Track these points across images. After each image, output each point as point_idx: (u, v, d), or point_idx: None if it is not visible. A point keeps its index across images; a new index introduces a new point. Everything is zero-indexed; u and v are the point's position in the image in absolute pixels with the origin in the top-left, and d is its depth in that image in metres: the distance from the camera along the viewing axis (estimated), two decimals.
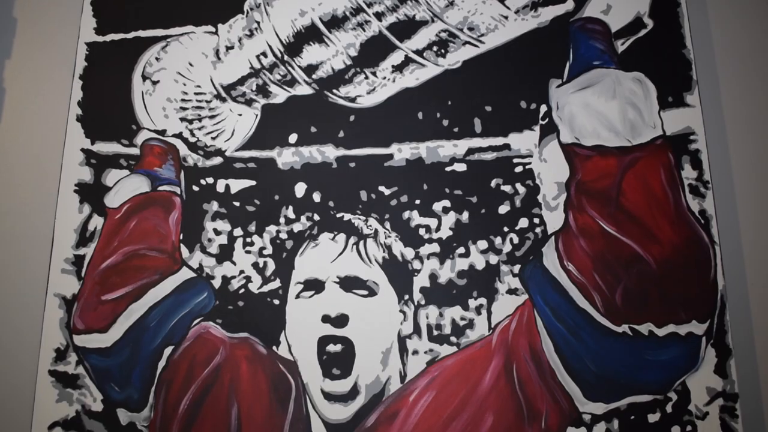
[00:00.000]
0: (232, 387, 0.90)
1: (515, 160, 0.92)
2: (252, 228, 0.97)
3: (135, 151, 1.03)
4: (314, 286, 0.91)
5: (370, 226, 0.93)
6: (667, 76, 0.90)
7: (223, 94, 1.02)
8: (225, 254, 0.96)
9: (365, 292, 0.90)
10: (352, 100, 0.98)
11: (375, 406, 0.87)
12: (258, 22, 1.01)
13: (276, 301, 0.93)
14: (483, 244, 0.91)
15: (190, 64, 1.04)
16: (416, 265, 0.91)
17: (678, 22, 0.92)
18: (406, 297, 0.90)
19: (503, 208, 0.92)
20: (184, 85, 1.03)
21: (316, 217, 0.95)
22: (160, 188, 1.00)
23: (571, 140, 0.89)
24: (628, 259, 0.83)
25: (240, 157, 1.00)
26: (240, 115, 1.01)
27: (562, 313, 0.83)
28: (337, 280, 0.90)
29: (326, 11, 0.98)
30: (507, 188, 0.92)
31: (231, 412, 0.89)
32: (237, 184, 0.98)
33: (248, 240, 0.96)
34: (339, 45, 0.97)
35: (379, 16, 0.96)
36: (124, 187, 1.00)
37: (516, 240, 0.90)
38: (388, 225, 0.93)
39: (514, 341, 0.85)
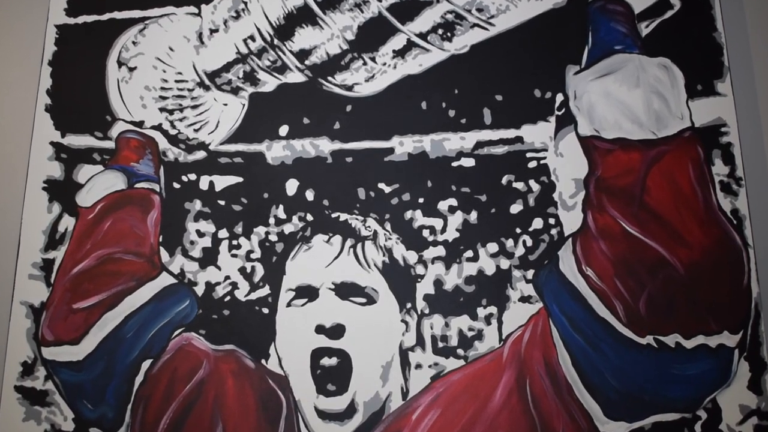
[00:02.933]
0: (217, 404, 0.88)
1: (529, 155, 0.91)
2: (239, 229, 0.95)
3: (110, 144, 1.01)
4: (307, 293, 0.89)
5: (369, 227, 0.91)
6: (696, 62, 0.88)
7: (207, 82, 1.01)
8: (209, 258, 0.95)
9: (363, 300, 0.88)
10: (349, 88, 0.96)
11: (374, 426, 0.85)
12: (245, 3, 1.00)
13: (265, 310, 0.92)
14: (493, 247, 0.89)
15: (171, 49, 1.02)
16: (419, 270, 0.90)
17: (708, 2, 0.90)
18: (409, 305, 0.89)
19: (515, 208, 0.90)
20: (164, 71, 1.02)
21: (309, 218, 0.93)
22: (137, 185, 0.98)
23: (591, 132, 0.87)
24: (652, 264, 0.81)
25: (225, 151, 0.99)
26: (225, 104, 1.00)
27: (580, 322, 0.81)
28: (333, 286, 0.89)
29: None
30: (519, 185, 0.91)
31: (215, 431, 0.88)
32: (222, 181, 0.97)
33: (234, 242, 0.95)
34: (334, 28, 0.96)
35: None
36: (98, 184, 0.98)
37: (529, 242, 0.89)
38: (388, 226, 0.92)
39: (528, 354, 0.83)
